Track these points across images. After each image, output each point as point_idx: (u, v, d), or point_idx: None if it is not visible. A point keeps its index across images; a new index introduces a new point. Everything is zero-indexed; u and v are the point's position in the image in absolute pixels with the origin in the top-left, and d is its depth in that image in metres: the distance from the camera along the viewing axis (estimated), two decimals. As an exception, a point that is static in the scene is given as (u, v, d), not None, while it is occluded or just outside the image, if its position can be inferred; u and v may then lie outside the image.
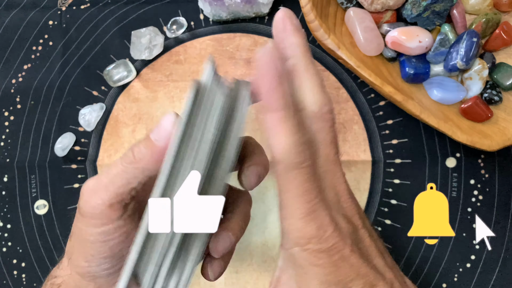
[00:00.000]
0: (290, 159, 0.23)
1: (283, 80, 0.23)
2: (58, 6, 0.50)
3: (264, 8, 0.45)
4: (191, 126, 0.25)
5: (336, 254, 0.24)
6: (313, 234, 0.24)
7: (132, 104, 0.47)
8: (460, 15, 0.40)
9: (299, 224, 0.24)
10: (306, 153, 0.24)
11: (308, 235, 0.24)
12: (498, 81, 0.40)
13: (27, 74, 0.49)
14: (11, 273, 0.47)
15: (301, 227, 0.24)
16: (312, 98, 0.25)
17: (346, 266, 0.24)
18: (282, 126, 0.23)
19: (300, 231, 0.24)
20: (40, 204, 0.47)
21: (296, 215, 0.24)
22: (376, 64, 0.41)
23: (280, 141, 0.23)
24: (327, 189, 0.26)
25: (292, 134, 0.23)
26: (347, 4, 0.42)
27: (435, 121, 0.38)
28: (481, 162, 0.44)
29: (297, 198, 0.24)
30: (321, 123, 0.25)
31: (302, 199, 0.24)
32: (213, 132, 0.25)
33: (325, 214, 0.24)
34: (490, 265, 0.43)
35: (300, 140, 0.23)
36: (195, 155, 0.25)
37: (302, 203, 0.24)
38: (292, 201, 0.24)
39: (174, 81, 0.47)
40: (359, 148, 0.45)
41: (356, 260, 0.25)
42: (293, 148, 0.23)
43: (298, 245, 0.25)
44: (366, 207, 0.44)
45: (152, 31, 0.46)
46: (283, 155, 0.23)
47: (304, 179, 0.24)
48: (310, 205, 0.24)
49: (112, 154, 0.47)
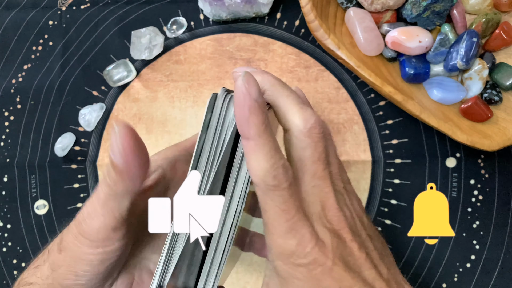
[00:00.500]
0: (266, 182, 0.24)
1: (257, 108, 0.24)
2: (58, 6, 0.50)
3: (264, 8, 0.45)
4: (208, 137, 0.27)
5: (317, 268, 0.25)
6: (293, 250, 0.25)
7: (132, 104, 0.47)
8: (460, 15, 0.40)
9: (279, 241, 0.25)
10: (281, 176, 0.25)
11: (288, 251, 0.25)
12: (498, 81, 0.40)
13: (27, 74, 0.49)
14: (11, 273, 0.47)
15: (282, 244, 0.25)
16: (293, 117, 0.27)
17: (328, 279, 0.25)
18: (256, 153, 0.24)
19: (280, 247, 0.25)
20: (40, 204, 0.47)
21: (277, 232, 0.25)
22: (376, 64, 0.41)
23: (255, 166, 0.24)
24: (314, 203, 0.27)
25: (267, 160, 0.24)
26: (347, 4, 0.42)
27: (435, 121, 0.38)
28: (481, 162, 0.44)
29: (277, 217, 0.25)
30: (307, 140, 0.26)
31: (281, 218, 0.25)
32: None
33: (306, 230, 0.25)
34: (490, 265, 0.43)
35: (275, 165, 0.24)
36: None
37: (281, 222, 0.25)
38: (272, 220, 0.25)
39: (174, 81, 0.47)
40: (359, 148, 0.45)
41: (339, 273, 0.25)
42: (268, 173, 0.24)
43: (279, 260, 0.26)
44: (366, 207, 0.44)
45: (152, 31, 0.46)
46: (257, 179, 0.25)
47: (281, 201, 0.25)
48: (289, 223, 0.25)
49: (112, 154, 0.47)
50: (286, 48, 0.47)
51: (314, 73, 0.46)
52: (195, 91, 0.47)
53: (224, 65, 0.47)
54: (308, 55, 0.46)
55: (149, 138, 0.47)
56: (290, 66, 0.46)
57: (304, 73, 0.46)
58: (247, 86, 0.24)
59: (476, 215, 0.44)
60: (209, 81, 0.47)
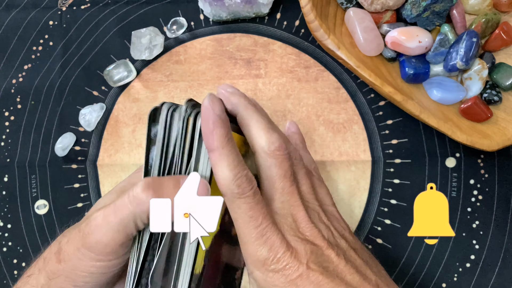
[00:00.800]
0: (230, 190, 0.27)
1: (219, 124, 0.27)
2: (59, 6, 0.50)
3: (264, 8, 0.45)
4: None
5: (293, 273, 0.26)
6: (265, 256, 0.27)
7: (132, 104, 0.47)
8: (460, 15, 0.40)
9: (252, 248, 0.27)
10: (245, 185, 0.27)
11: (262, 258, 0.27)
12: (497, 81, 0.41)
13: (27, 74, 0.49)
14: (11, 273, 0.47)
15: (255, 251, 0.27)
16: (259, 140, 0.29)
17: (307, 284, 0.26)
18: (221, 162, 0.27)
19: (253, 255, 0.27)
20: (40, 204, 0.47)
21: (249, 240, 0.27)
22: (376, 64, 0.41)
23: (219, 175, 0.27)
24: (285, 217, 0.28)
25: (230, 169, 0.27)
26: (347, 4, 0.42)
27: (435, 121, 0.38)
28: (481, 162, 0.44)
29: (246, 224, 0.27)
30: (271, 160, 0.29)
31: (251, 225, 0.27)
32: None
33: (276, 237, 0.27)
34: (489, 265, 0.43)
35: (239, 174, 0.27)
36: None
37: (251, 228, 0.27)
38: (243, 228, 0.27)
39: (174, 81, 0.47)
40: (358, 148, 0.45)
41: (317, 276, 0.26)
42: (232, 181, 0.26)
43: (255, 268, 0.27)
44: (366, 206, 0.44)
45: (152, 31, 0.46)
46: (224, 187, 0.27)
47: (248, 207, 0.27)
48: (258, 230, 0.27)
49: (112, 154, 0.47)
50: (286, 48, 0.47)
51: (314, 73, 0.46)
52: (195, 91, 0.47)
53: (224, 65, 0.47)
54: (308, 55, 0.46)
55: (149, 138, 0.47)
56: (290, 66, 0.46)
57: (304, 73, 0.46)
58: (211, 104, 0.27)
59: (476, 215, 0.44)
60: (209, 81, 0.47)
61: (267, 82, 0.46)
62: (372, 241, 0.44)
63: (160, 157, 0.29)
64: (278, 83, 0.46)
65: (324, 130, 0.45)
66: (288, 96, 0.46)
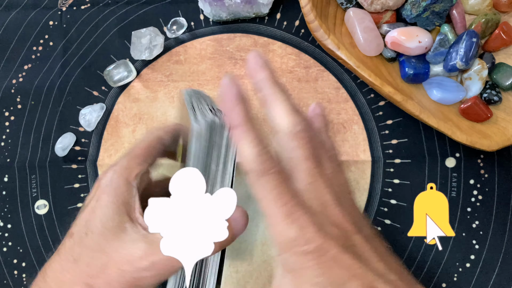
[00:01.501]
0: (256, 167, 0.26)
1: (241, 101, 0.27)
2: (59, 6, 0.50)
3: (264, 9, 0.45)
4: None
5: (324, 255, 0.25)
6: (295, 236, 0.25)
7: (132, 104, 0.48)
8: (460, 16, 0.40)
9: (280, 228, 0.25)
10: (270, 162, 0.26)
11: (291, 237, 0.25)
12: (497, 81, 0.41)
13: (27, 74, 0.49)
14: (11, 273, 0.47)
15: (283, 231, 0.25)
16: (283, 121, 0.28)
17: (339, 267, 0.25)
18: (244, 139, 0.27)
19: (282, 235, 0.25)
20: (40, 204, 0.47)
21: (276, 220, 0.25)
22: (375, 64, 0.41)
23: (244, 152, 0.26)
24: (312, 200, 0.27)
25: (254, 145, 0.26)
26: (347, 4, 0.42)
27: (434, 121, 0.38)
28: (481, 162, 0.44)
29: (273, 203, 0.26)
30: (295, 141, 0.28)
31: (278, 203, 0.25)
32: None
33: (306, 217, 0.25)
34: (489, 265, 0.43)
35: (262, 150, 0.26)
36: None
37: (278, 207, 0.25)
38: (269, 207, 0.26)
39: (174, 81, 0.47)
40: (358, 148, 0.45)
41: (350, 261, 0.25)
42: (257, 157, 0.26)
43: (285, 250, 0.25)
44: (366, 207, 0.44)
45: (152, 31, 0.46)
46: (249, 164, 0.26)
47: (274, 184, 0.26)
48: (286, 208, 0.25)
49: (112, 154, 0.47)
50: (286, 48, 0.47)
51: (314, 73, 0.46)
52: (195, 91, 0.47)
53: (224, 65, 0.47)
54: (308, 55, 0.46)
55: (149, 138, 0.47)
56: (290, 66, 0.46)
57: (304, 73, 0.46)
58: (231, 82, 0.28)
59: (475, 215, 0.44)
60: (209, 81, 0.47)
61: (267, 82, 0.46)
62: (372, 241, 0.44)
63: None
64: (278, 83, 0.46)
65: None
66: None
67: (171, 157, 0.37)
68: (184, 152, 0.33)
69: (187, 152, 0.31)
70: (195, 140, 0.30)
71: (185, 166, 0.29)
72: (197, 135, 0.30)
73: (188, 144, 0.31)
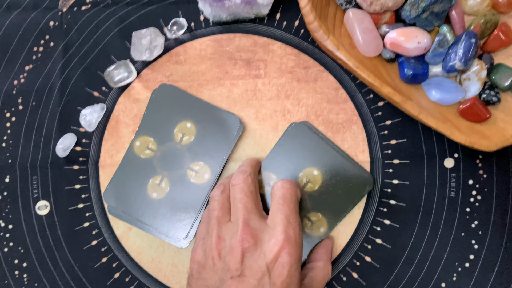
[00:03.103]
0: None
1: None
2: (59, 7, 0.50)
3: (264, 9, 0.46)
4: None
5: None
6: None
7: (132, 105, 0.48)
8: (459, 16, 0.40)
9: None
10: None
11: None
12: (496, 82, 0.41)
13: (29, 75, 0.49)
14: (12, 273, 0.47)
15: None
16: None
17: None
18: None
19: None
20: (41, 204, 0.47)
21: None
22: (375, 65, 0.41)
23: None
24: None
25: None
26: (347, 5, 0.42)
27: (433, 121, 0.38)
28: (479, 162, 0.44)
29: None
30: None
31: None
32: None
33: None
34: (488, 264, 0.43)
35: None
36: None
37: None
38: None
39: (175, 82, 0.47)
40: (357, 148, 0.45)
41: None
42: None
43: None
44: (365, 207, 0.45)
45: (152, 32, 0.46)
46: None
47: None
48: None
49: (113, 155, 0.47)
50: (286, 48, 0.47)
51: (313, 73, 0.46)
52: (195, 91, 0.47)
53: (224, 65, 0.47)
54: (307, 55, 0.47)
55: (150, 138, 0.47)
56: (290, 66, 0.47)
57: (303, 74, 0.46)
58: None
59: (474, 215, 0.44)
60: (209, 81, 0.47)
61: (267, 83, 0.47)
62: (371, 241, 0.44)
63: None
64: (278, 84, 0.46)
65: (323, 130, 0.45)
66: (287, 96, 0.46)
67: None
68: None
69: None
70: None
71: None
72: None
73: None
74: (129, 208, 0.45)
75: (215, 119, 0.45)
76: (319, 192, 0.43)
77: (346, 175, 0.43)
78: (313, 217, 0.43)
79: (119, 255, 0.46)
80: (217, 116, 0.45)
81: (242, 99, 0.47)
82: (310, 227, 0.43)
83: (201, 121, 0.45)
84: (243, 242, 0.35)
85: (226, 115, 0.45)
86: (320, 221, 0.43)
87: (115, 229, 0.47)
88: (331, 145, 0.43)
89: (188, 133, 0.45)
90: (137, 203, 0.45)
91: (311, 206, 0.43)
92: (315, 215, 0.43)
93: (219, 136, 0.45)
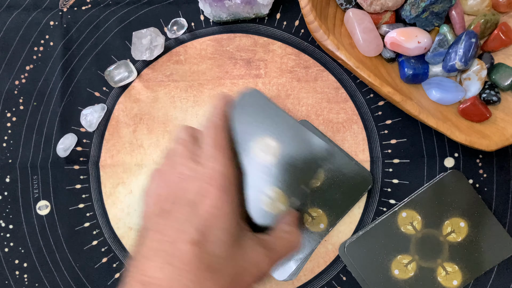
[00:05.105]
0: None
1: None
2: (60, 7, 0.50)
3: (264, 9, 0.46)
4: None
5: None
6: None
7: (133, 105, 0.48)
8: (459, 16, 0.41)
9: None
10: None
11: None
12: (496, 81, 0.41)
13: (29, 75, 0.49)
14: (13, 273, 0.47)
15: None
16: None
17: None
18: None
19: None
20: (42, 204, 0.48)
21: None
22: (375, 64, 0.41)
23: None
24: None
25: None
26: (347, 5, 0.42)
27: (433, 121, 0.38)
28: (480, 162, 0.44)
29: None
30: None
31: None
32: None
33: None
34: (488, 264, 0.43)
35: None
36: None
37: None
38: None
39: (175, 81, 0.47)
40: (357, 147, 0.45)
41: None
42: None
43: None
44: (365, 206, 0.45)
45: (153, 32, 0.46)
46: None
47: None
48: None
49: (114, 155, 0.47)
50: (286, 48, 0.47)
51: (313, 73, 0.46)
52: (196, 91, 0.47)
53: (224, 65, 0.47)
54: (307, 55, 0.47)
55: (151, 138, 0.47)
56: (290, 66, 0.47)
57: (303, 73, 0.46)
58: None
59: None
60: (209, 81, 0.47)
61: (267, 82, 0.47)
62: (371, 240, 0.44)
63: None
64: (278, 83, 0.46)
65: (324, 129, 0.45)
66: (287, 96, 0.46)
67: None
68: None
69: None
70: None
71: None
72: None
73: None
74: (366, 272, 0.43)
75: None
76: (321, 189, 0.43)
77: (346, 174, 0.43)
78: (314, 213, 0.43)
79: (119, 255, 0.46)
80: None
81: (243, 99, 0.47)
82: (310, 222, 0.43)
83: None
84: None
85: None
86: (321, 217, 0.43)
87: (116, 229, 0.47)
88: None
89: (458, 231, 0.43)
90: (376, 273, 0.43)
91: (312, 202, 0.43)
92: (316, 211, 0.43)
93: None
